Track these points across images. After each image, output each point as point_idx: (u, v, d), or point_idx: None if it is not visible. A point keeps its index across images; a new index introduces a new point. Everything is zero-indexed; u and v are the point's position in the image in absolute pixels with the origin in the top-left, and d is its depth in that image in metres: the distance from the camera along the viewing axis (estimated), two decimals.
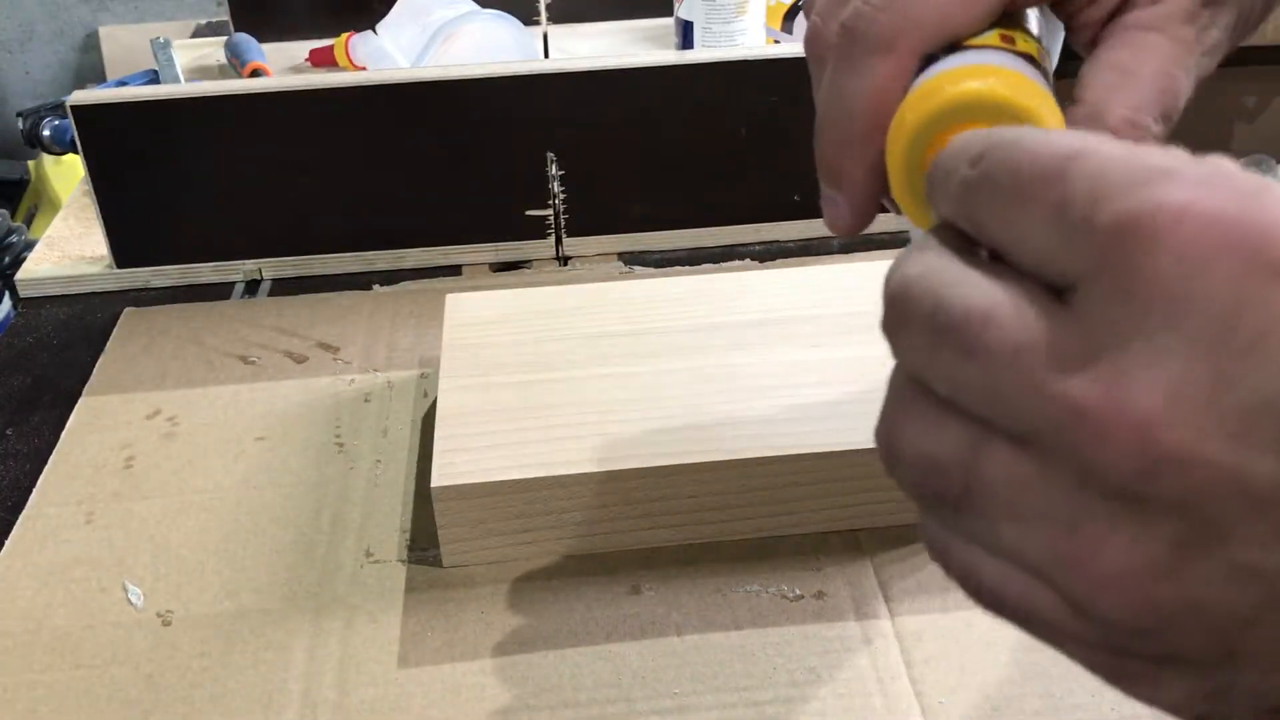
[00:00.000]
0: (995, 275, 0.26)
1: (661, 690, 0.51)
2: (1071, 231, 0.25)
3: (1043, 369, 0.25)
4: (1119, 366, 0.24)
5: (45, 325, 0.81)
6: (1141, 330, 0.24)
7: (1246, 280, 0.23)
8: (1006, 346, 0.25)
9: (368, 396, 0.70)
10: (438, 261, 0.85)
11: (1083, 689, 0.50)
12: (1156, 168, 0.25)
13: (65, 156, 1.70)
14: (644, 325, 0.65)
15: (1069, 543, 0.25)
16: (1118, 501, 0.24)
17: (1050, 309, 0.25)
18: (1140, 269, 0.24)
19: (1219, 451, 0.23)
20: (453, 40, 1.02)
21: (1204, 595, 0.25)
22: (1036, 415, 0.25)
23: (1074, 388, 0.24)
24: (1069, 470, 0.25)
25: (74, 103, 0.78)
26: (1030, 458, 0.26)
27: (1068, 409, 0.24)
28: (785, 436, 0.57)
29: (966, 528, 0.28)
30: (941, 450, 0.27)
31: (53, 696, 0.52)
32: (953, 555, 0.29)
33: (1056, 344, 0.25)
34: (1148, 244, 0.24)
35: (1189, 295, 0.23)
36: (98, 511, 0.62)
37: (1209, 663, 0.26)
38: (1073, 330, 0.25)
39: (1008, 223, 0.26)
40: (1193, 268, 0.23)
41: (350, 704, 0.51)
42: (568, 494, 0.56)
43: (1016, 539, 0.26)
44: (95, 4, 2.27)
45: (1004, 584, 0.27)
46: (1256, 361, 0.23)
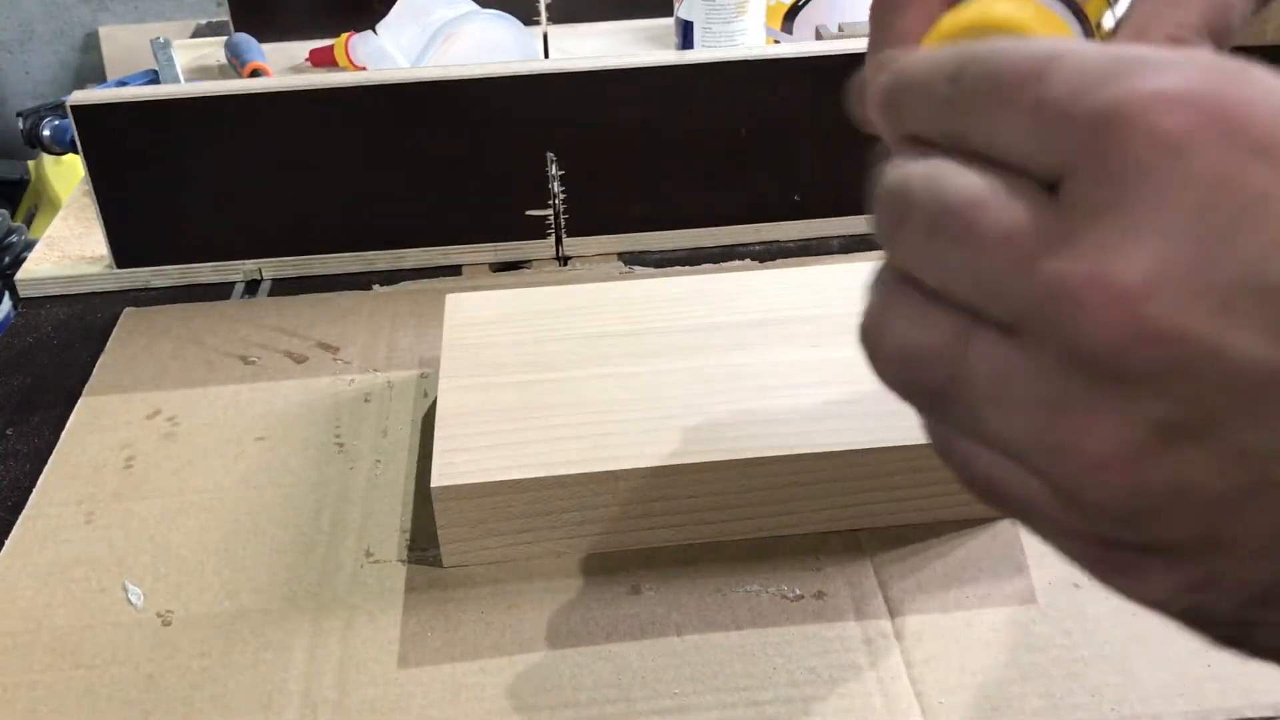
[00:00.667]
0: (988, 171, 0.27)
1: (661, 690, 0.51)
2: (1054, 127, 0.25)
3: (1030, 251, 0.25)
4: (1102, 244, 0.24)
5: (45, 325, 0.81)
6: (1125, 211, 0.24)
7: (1227, 158, 0.24)
8: (998, 230, 0.26)
9: (368, 396, 0.70)
10: (438, 261, 0.85)
11: (1082, 689, 0.50)
12: (1134, 58, 0.25)
13: (65, 156, 1.70)
14: (644, 325, 0.65)
15: (1054, 428, 0.26)
16: (1102, 383, 0.25)
17: (1039, 199, 0.26)
18: (1122, 153, 0.24)
19: (1200, 326, 0.24)
20: (453, 40, 1.02)
21: (1190, 479, 0.25)
22: (1022, 296, 0.25)
23: (1058, 265, 0.25)
24: (1054, 353, 0.25)
25: (74, 103, 0.78)
26: (1016, 344, 0.26)
27: (1052, 285, 0.25)
28: (785, 436, 0.57)
29: (955, 419, 0.28)
30: (927, 340, 0.28)
31: (53, 696, 0.52)
32: (953, 449, 0.30)
33: (1044, 229, 0.25)
34: (1128, 129, 0.24)
35: (1170, 175, 0.24)
36: (98, 511, 0.62)
37: (1195, 551, 0.26)
38: (1060, 216, 0.25)
39: (991, 129, 0.27)
40: (1173, 148, 0.24)
41: (350, 704, 0.51)
42: (568, 494, 0.56)
43: (1003, 427, 0.27)
44: (95, 4, 2.27)
45: (996, 474, 0.28)
46: (1238, 238, 0.24)
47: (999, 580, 0.56)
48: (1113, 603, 0.54)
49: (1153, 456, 0.25)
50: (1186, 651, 0.52)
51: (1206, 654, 0.51)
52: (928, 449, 0.57)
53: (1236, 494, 0.25)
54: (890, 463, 0.56)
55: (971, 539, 0.58)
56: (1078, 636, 0.53)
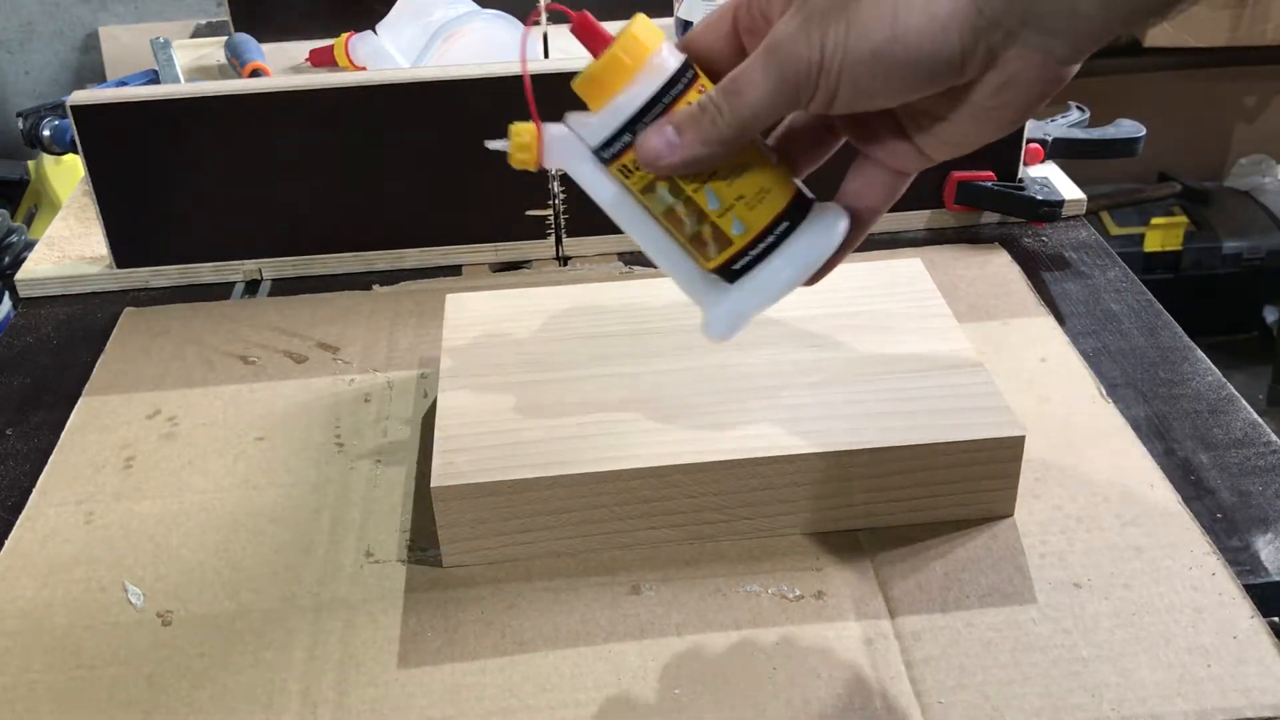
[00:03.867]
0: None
1: (661, 690, 0.51)
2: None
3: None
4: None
5: (45, 325, 0.81)
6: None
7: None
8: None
9: (368, 396, 0.70)
10: (438, 261, 0.85)
11: (1082, 689, 0.50)
12: None
13: (65, 156, 1.70)
14: (644, 325, 0.65)
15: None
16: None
17: None
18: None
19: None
20: (453, 40, 1.02)
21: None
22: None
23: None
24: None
25: (74, 103, 0.78)
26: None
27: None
28: (785, 436, 0.57)
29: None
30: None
31: (53, 696, 0.52)
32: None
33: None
34: None
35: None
36: (98, 511, 0.62)
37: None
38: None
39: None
40: None
41: (350, 704, 0.51)
42: (568, 494, 0.56)
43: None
44: (95, 4, 2.27)
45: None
46: None
47: (999, 580, 0.56)
48: (1113, 603, 0.54)
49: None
50: (1186, 651, 0.52)
51: (1206, 654, 0.51)
52: (927, 449, 0.58)
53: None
54: (890, 463, 0.56)
55: (971, 539, 0.58)
56: (1078, 636, 0.53)
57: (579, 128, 0.51)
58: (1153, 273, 2.05)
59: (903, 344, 0.63)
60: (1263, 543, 0.58)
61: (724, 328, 0.53)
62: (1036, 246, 0.85)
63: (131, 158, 0.80)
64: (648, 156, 0.48)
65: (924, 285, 0.68)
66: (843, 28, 0.44)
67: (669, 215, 0.51)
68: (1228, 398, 0.69)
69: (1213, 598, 0.54)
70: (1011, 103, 0.45)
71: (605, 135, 0.50)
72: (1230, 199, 2.15)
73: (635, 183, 0.51)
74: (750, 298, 0.52)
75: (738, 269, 0.52)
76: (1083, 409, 0.66)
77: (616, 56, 0.48)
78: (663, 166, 0.48)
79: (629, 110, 0.49)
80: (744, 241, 0.51)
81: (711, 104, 0.47)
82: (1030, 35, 0.43)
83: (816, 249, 0.51)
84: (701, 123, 0.47)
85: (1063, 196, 0.85)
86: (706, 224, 0.51)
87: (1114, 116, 0.89)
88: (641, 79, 0.49)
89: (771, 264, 0.51)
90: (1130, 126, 0.88)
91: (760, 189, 0.50)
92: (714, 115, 0.47)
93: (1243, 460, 0.64)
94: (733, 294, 0.53)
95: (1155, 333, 0.75)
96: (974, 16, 0.42)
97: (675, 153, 0.48)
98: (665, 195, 0.50)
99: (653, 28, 0.49)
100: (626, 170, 0.51)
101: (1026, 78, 0.44)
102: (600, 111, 0.50)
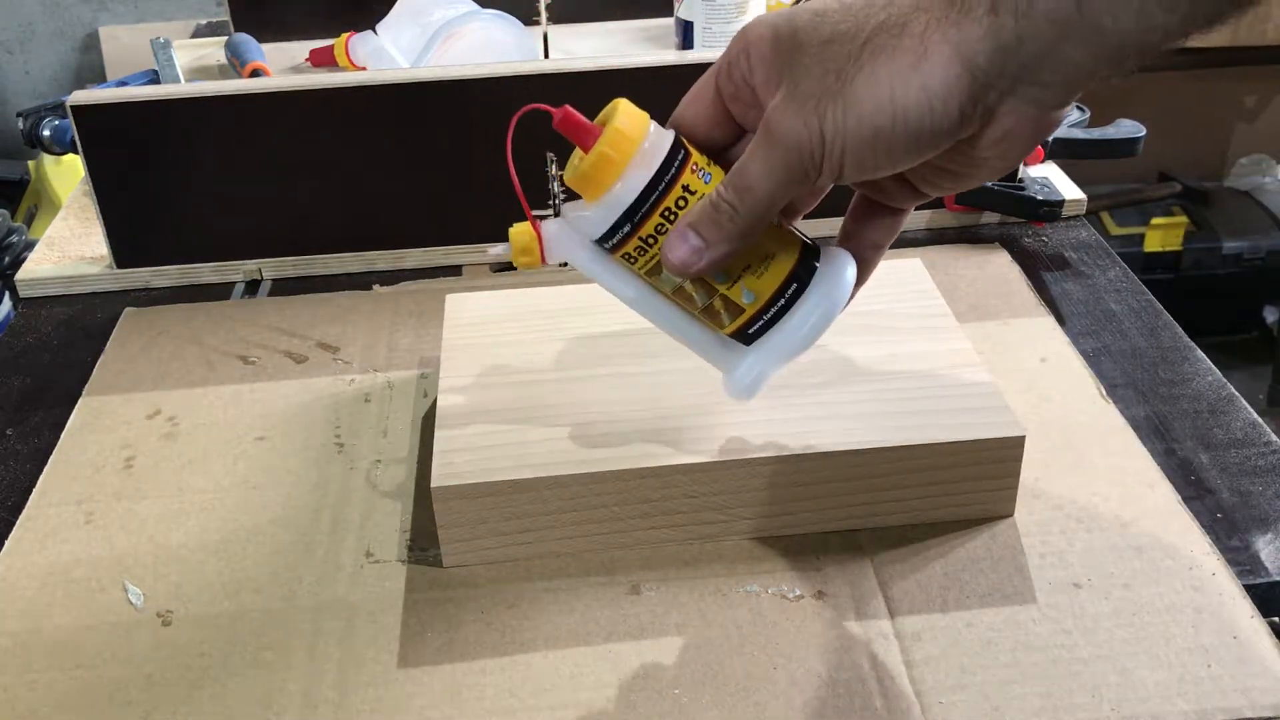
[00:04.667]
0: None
1: (661, 690, 0.51)
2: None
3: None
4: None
5: (45, 325, 0.81)
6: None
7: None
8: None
9: (368, 396, 0.70)
10: (438, 261, 0.85)
11: (1082, 689, 0.50)
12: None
13: (65, 156, 1.70)
14: (644, 325, 0.65)
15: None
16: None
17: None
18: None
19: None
20: (453, 40, 1.02)
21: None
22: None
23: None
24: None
25: (74, 103, 0.78)
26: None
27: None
28: (785, 436, 0.57)
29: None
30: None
31: (53, 696, 0.52)
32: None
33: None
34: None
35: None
36: (98, 511, 0.62)
37: None
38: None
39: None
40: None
41: (350, 704, 0.51)
42: (568, 494, 0.56)
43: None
44: (95, 4, 2.27)
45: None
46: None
47: (999, 580, 0.56)
48: (1113, 603, 0.54)
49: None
50: (1186, 651, 0.52)
51: (1206, 654, 0.51)
52: (927, 449, 0.58)
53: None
54: (890, 463, 0.56)
55: (971, 539, 0.58)
56: (1078, 636, 0.52)
57: (576, 222, 0.52)
58: (1153, 273, 2.05)
59: (903, 344, 0.63)
60: (1263, 543, 0.58)
61: (746, 389, 0.54)
62: (1036, 246, 0.85)
63: (131, 158, 0.80)
64: (676, 266, 0.49)
65: (924, 285, 0.68)
66: (839, 110, 0.44)
67: (678, 293, 0.53)
68: (1228, 398, 0.69)
69: (1213, 598, 0.54)
70: (1009, 151, 0.46)
71: (605, 228, 0.51)
72: (1230, 199, 2.15)
73: (641, 266, 0.52)
74: (769, 357, 0.53)
75: (753, 333, 0.53)
76: (1083, 409, 0.66)
77: (604, 154, 0.49)
78: (694, 272, 0.50)
79: (625, 202, 0.50)
80: (755, 308, 0.52)
81: (724, 202, 0.48)
82: (1023, 89, 0.43)
83: (830, 302, 0.52)
84: (720, 222, 0.48)
85: (1063, 196, 0.85)
86: (717, 297, 0.52)
87: (1114, 116, 0.89)
88: (632, 171, 0.49)
89: (788, 324, 0.52)
90: (1130, 126, 0.88)
91: (765, 255, 0.51)
92: (730, 214, 0.48)
93: (1243, 460, 0.64)
94: (750, 356, 0.54)
95: (1155, 333, 0.75)
96: (970, 83, 0.43)
97: (703, 257, 0.49)
98: (673, 277, 0.51)
99: (635, 114, 0.50)
100: (631, 258, 0.52)
101: (1022, 129, 0.45)
102: (596, 205, 0.50)
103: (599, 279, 0.54)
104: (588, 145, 0.49)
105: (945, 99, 0.43)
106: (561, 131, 0.50)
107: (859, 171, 0.46)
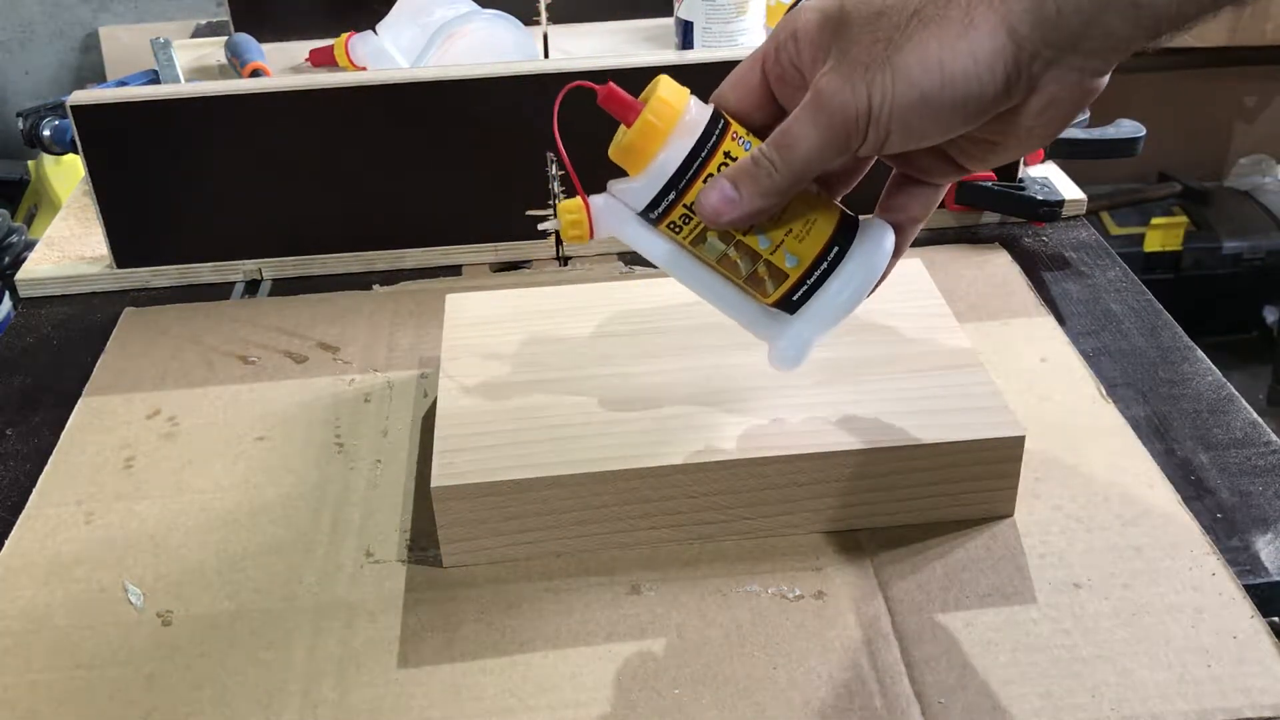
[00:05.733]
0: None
1: (661, 690, 0.51)
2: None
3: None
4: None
5: (45, 325, 0.81)
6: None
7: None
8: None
9: (368, 396, 0.70)
10: (438, 261, 0.85)
11: (1083, 689, 0.50)
12: None
13: (65, 156, 1.70)
14: (644, 325, 0.65)
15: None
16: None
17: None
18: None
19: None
20: (453, 40, 1.02)
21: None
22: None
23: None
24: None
25: (74, 103, 0.78)
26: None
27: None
28: (785, 436, 0.57)
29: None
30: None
31: (53, 696, 0.52)
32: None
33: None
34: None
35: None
36: (98, 511, 0.62)
37: None
38: None
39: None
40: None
41: (350, 704, 0.51)
42: (568, 494, 0.56)
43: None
44: (95, 4, 2.27)
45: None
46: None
47: (999, 580, 0.56)
48: (1113, 603, 0.54)
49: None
50: (1186, 651, 0.52)
51: (1206, 654, 0.51)
52: (927, 449, 0.58)
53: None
54: (890, 463, 0.56)
55: (971, 539, 0.58)
56: (1077, 636, 0.52)
57: (622, 195, 0.53)
58: (1153, 273, 2.05)
59: (903, 344, 0.63)
60: (1263, 543, 0.58)
61: (791, 358, 0.55)
62: (1036, 246, 0.85)
63: (131, 158, 0.80)
64: (710, 214, 0.50)
65: (924, 285, 0.68)
66: (888, 77, 0.45)
67: (723, 261, 0.53)
68: (1228, 398, 0.68)
69: (1213, 598, 0.54)
70: (1052, 120, 0.47)
71: (650, 197, 0.52)
72: (1230, 199, 2.15)
73: (685, 236, 0.53)
74: (813, 324, 0.54)
75: (797, 299, 0.53)
76: (1083, 409, 0.66)
77: (649, 122, 0.50)
78: (724, 222, 0.50)
79: (669, 170, 0.51)
80: (799, 273, 0.53)
81: (765, 158, 0.49)
82: (1067, 59, 0.44)
83: (870, 267, 0.52)
84: (758, 177, 0.49)
85: (1063, 196, 0.85)
86: (761, 263, 0.53)
87: (1114, 116, 0.89)
88: (675, 139, 0.50)
89: (829, 289, 0.53)
90: (1130, 126, 0.88)
91: (806, 220, 0.52)
92: (769, 169, 0.49)
93: (1243, 460, 0.64)
94: (795, 324, 0.54)
95: (1155, 333, 0.75)
96: (1015, 52, 0.44)
97: (736, 208, 0.50)
98: (717, 244, 0.52)
99: (676, 87, 0.51)
100: (676, 226, 0.52)
101: (1065, 97, 0.46)
102: (640, 175, 0.52)
103: (645, 251, 0.54)
104: (630, 120, 0.51)
105: (991, 66, 0.44)
106: (606, 108, 0.51)
107: (904, 138, 0.47)
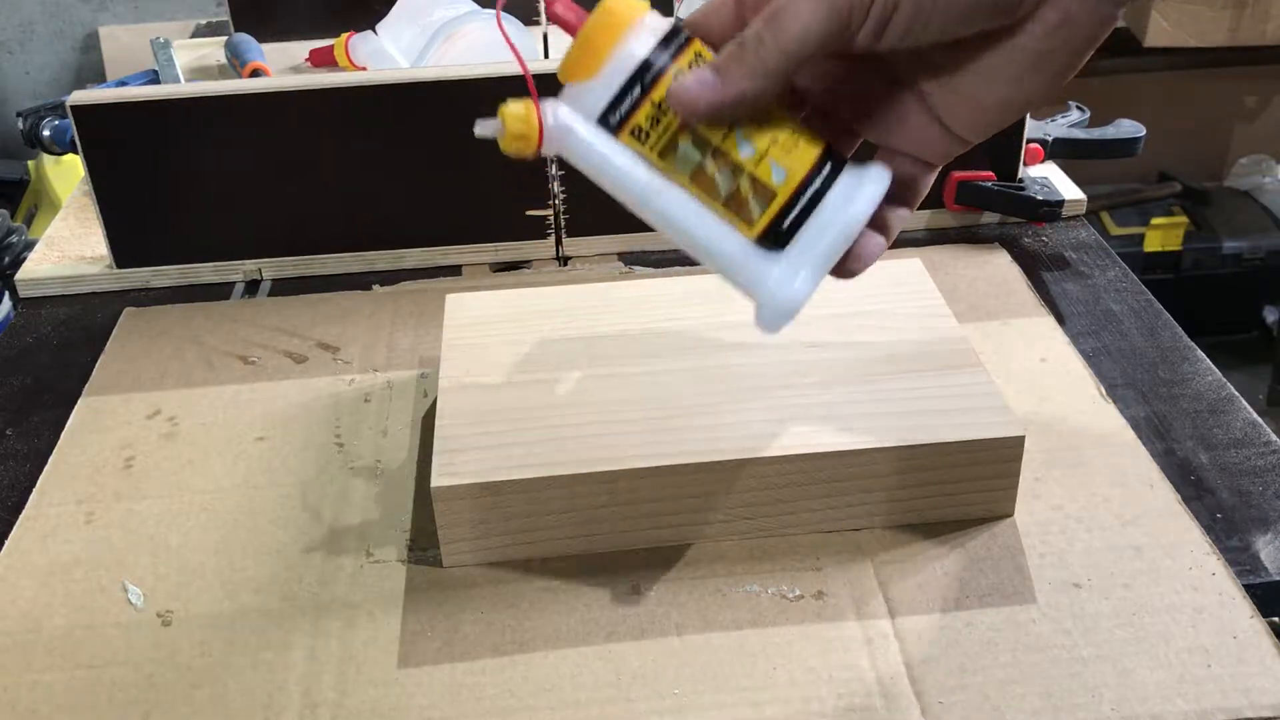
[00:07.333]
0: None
1: (661, 690, 0.51)
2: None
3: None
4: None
5: (45, 325, 0.81)
6: None
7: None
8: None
9: (368, 396, 0.70)
10: (438, 261, 0.85)
11: (1083, 689, 0.50)
12: None
13: (65, 156, 1.70)
14: (644, 325, 0.65)
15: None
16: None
17: None
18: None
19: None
20: (453, 40, 1.02)
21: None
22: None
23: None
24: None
25: (74, 103, 0.78)
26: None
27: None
28: (785, 436, 0.57)
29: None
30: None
31: (53, 696, 0.52)
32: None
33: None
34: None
35: None
36: (98, 511, 0.62)
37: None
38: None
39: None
40: None
41: (350, 704, 0.51)
42: (568, 494, 0.56)
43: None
44: (95, 4, 2.27)
45: None
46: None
47: (999, 580, 0.56)
48: (1113, 603, 0.54)
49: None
50: (1186, 651, 0.52)
51: (1206, 654, 0.51)
52: (927, 449, 0.58)
53: None
54: (890, 463, 0.56)
55: (971, 539, 0.58)
56: (1077, 636, 0.53)
57: (578, 97, 0.46)
58: (1153, 273, 2.05)
59: (903, 344, 0.63)
60: (1262, 543, 0.58)
61: (781, 307, 0.47)
62: (1036, 246, 0.85)
63: (131, 158, 0.80)
64: (687, 100, 0.44)
65: (924, 285, 0.68)
66: None
67: (698, 177, 0.46)
68: (1228, 398, 0.69)
69: (1213, 598, 0.54)
70: (1064, 45, 0.43)
71: (610, 95, 0.45)
72: (1230, 199, 2.15)
73: (653, 145, 0.46)
74: (805, 256, 0.46)
75: (786, 228, 0.46)
76: (1083, 409, 0.66)
77: (607, 8, 0.44)
78: (703, 110, 0.44)
79: (633, 63, 0.45)
80: (788, 191, 0.46)
81: (754, 36, 0.44)
82: None
83: (866, 195, 0.46)
84: (744, 57, 0.44)
85: (1063, 196, 0.85)
86: (743, 176, 0.46)
87: (1114, 116, 0.89)
88: (638, 31, 0.45)
89: (821, 216, 0.46)
90: (1130, 126, 0.88)
91: (792, 133, 0.46)
92: (756, 46, 0.43)
93: (1243, 460, 0.64)
94: (783, 261, 0.46)
95: (1155, 333, 0.75)
96: None
97: (717, 91, 0.44)
98: (691, 152, 0.45)
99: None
100: (642, 133, 0.45)
101: (1082, 16, 0.42)
102: (599, 74, 0.45)
103: (603, 169, 0.46)
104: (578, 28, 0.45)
105: None
106: (553, 19, 0.46)
107: (908, 25, 0.42)
